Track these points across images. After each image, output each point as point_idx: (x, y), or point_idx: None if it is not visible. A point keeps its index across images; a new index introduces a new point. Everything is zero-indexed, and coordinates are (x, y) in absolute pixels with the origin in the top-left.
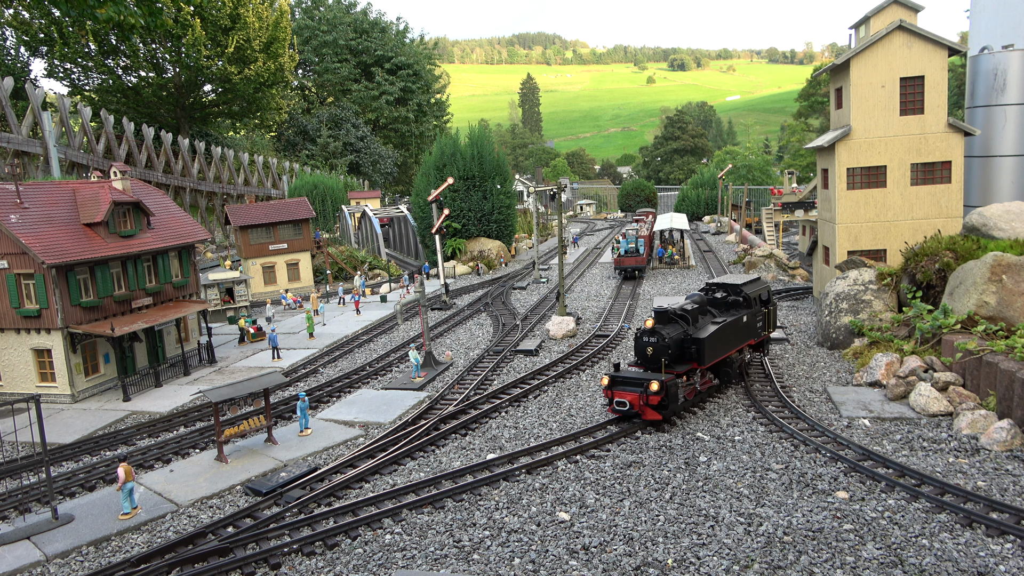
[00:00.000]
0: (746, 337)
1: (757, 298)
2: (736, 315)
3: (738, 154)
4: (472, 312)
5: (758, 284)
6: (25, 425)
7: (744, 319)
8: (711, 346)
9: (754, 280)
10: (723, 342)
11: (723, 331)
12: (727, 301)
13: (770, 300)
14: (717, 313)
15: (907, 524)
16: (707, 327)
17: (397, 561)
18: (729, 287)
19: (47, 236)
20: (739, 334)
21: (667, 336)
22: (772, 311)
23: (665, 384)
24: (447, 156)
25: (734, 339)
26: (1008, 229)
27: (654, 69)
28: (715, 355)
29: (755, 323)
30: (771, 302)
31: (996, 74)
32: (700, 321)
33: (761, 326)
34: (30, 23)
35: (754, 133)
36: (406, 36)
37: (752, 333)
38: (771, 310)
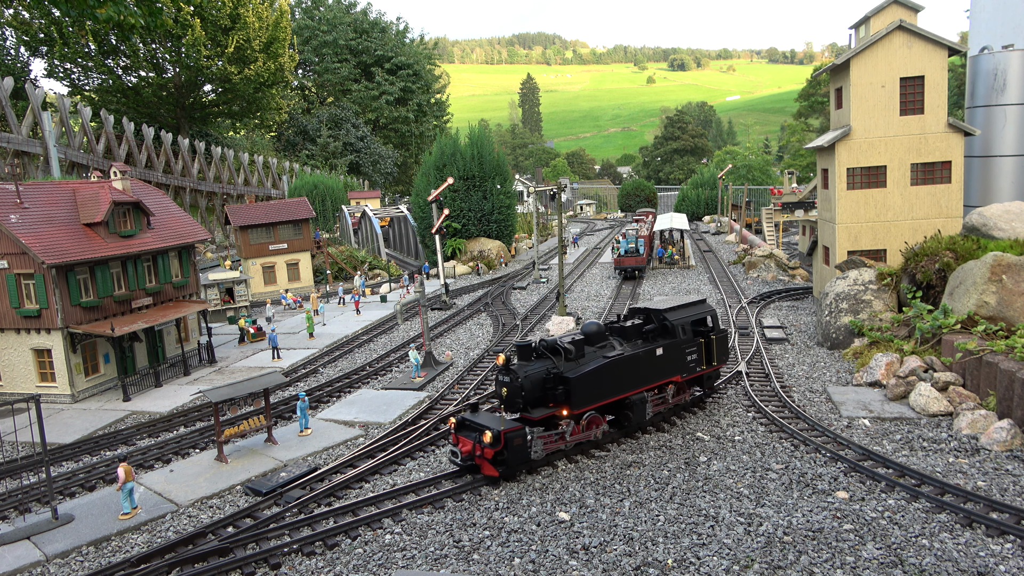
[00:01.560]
0: (665, 373)
1: (686, 327)
2: (646, 347)
3: (738, 154)
4: (472, 312)
5: (692, 309)
6: (25, 425)
7: (660, 352)
8: (587, 386)
9: (689, 304)
10: (615, 380)
11: (615, 367)
12: (640, 330)
13: (714, 328)
14: (620, 344)
15: (907, 524)
16: (588, 363)
17: (397, 561)
18: (651, 313)
19: (47, 236)
20: (650, 370)
21: (521, 375)
22: (717, 340)
23: (503, 435)
24: (447, 156)
25: (640, 376)
26: (1008, 229)
27: (654, 69)
28: (597, 397)
29: (682, 356)
30: (716, 330)
31: (996, 74)
32: (586, 355)
33: (694, 359)
34: (30, 23)
35: (754, 133)
36: (406, 36)
37: (678, 368)
38: (714, 339)
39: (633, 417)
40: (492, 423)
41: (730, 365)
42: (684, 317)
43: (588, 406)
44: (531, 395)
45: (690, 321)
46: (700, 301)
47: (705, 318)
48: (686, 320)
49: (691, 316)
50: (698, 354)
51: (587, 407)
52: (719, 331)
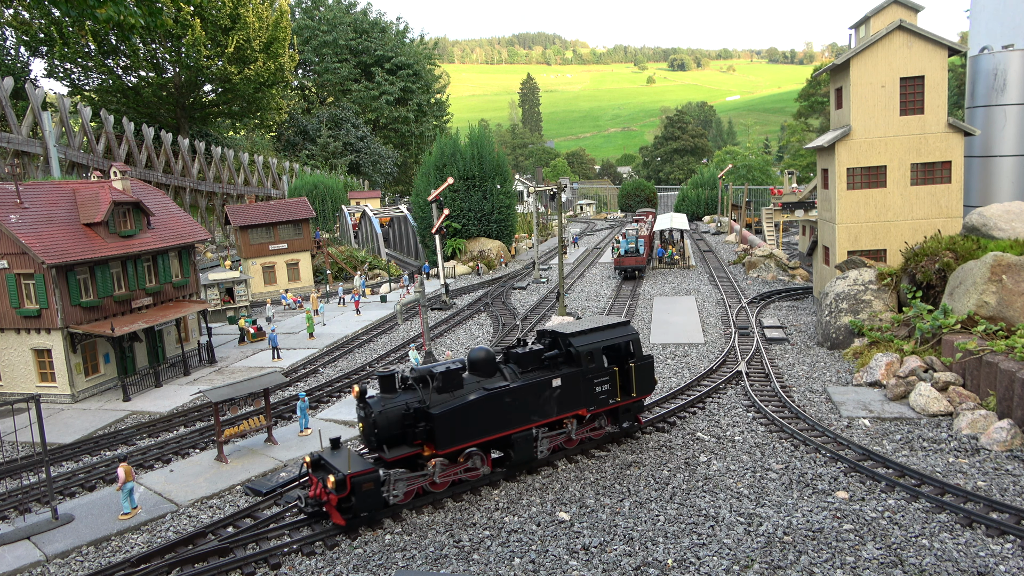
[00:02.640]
0: (565, 406)
1: (596, 353)
2: (539, 378)
3: (738, 154)
4: (472, 312)
5: (607, 334)
6: (25, 425)
7: (557, 383)
8: (455, 424)
9: (603, 328)
10: (495, 416)
11: (494, 402)
12: (540, 356)
13: (635, 354)
14: (514, 373)
15: (907, 524)
16: (463, 397)
17: (397, 561)
18: (558, 337)
19: (47, 236)
20: (543, 403)
21: (375, 411)
22: (637, 369)
23: (349, 479)
24: (447, 156)
25: (529, 410)
26: (1008, 229)
27: (654, 69)
28: (470, 435)
29: (588, 387)
30: (636, 357)
31: (996, 74)
32: (465, 386)
33: (605, 391)
34: (30, 23)
35: (754, 133)
36: (406, 36)
37: (582, 401)
38: (633, 368)
39: (515, 456)
40: (343, 464)
41: (730, 365)
42: (594, 343)
43: (457, 446)
44: (386, 433)
45: (602, 347)
46: (619, 324)
47: (624, 344)
48: (596, 346)
49: (604, 342)
50: (611, 384)
51: (456, 447)
52: (641, 358)
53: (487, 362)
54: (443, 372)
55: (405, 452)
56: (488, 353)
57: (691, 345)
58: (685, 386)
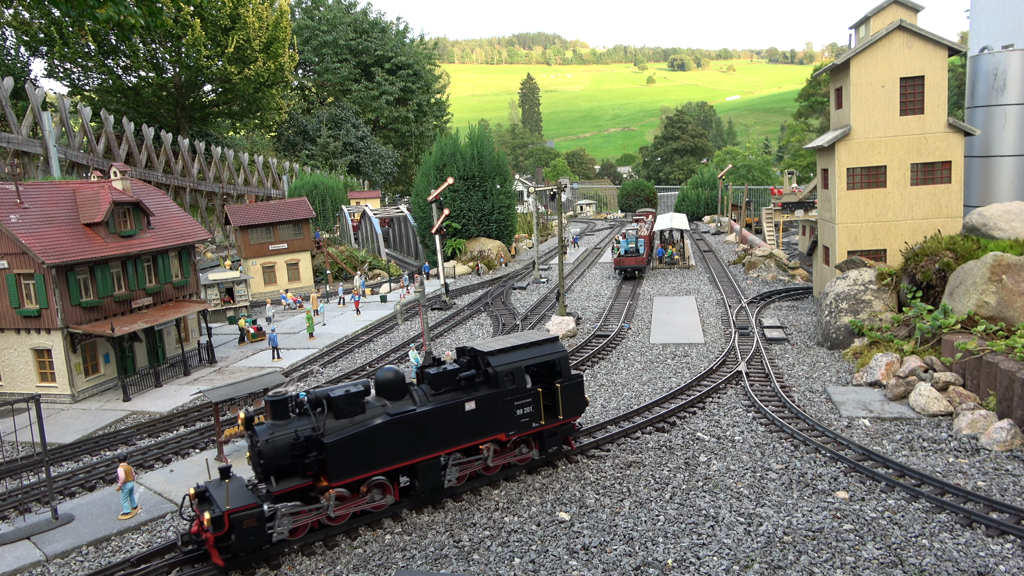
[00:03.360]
0: (481, 431)
1: (517, 374)
2: (450, 401)
3: (738, 154)
4: (472, 312)
5: (531, 352)
6: (25, 425)
7: (471, 406)
8: (350, 453)
9: (527, 346)
10: (398, 443)
11: (396, 429)
12: (455, 377)
13: (562, 374)
14: (425, 396)
15: (907, 524)
16: (361, 424)
17: (397, 561)
18: (478, 356)
19: (47, 236)
20: (455, 428)
21: (261, 440)
22: (564, 390)
23: (227, 516)
24: (447, 156)
25: (439, 436)
26: (1008, 229)
27: (654, 69)
28: (369, 465)
29: (507, 410)
30: (564, 376)
31: (996, 74)
32: (367, 411)
33: (528, 413)
34: (30, 23)
35: (754, 133)
36: (406, 36)
37: (501, 424)
38: (560, 388)
39: (419, 486)
40: (212, 504)
41: (730, 365)
42: (515, 362)
43: (354, 476)
44: (274, 464)
45: (525, 367)
46: (546, 341)
47: (550, 362)
48: (518, 365)
49: (527, 360)
50: (534, 407)
51: (353, 478)
52: (569, 378)
53: (395, 384)
54: (341, 396)
55: (294, 484)
56: (396, 374)
57: (691, 345)
58: (685, 386)
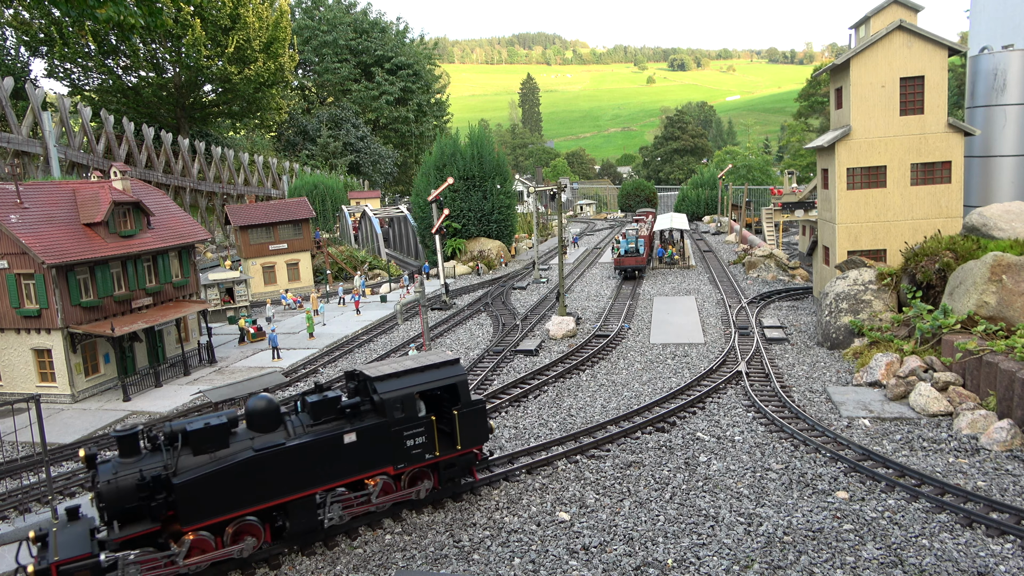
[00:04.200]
0: (365, 465)
1: (408, 401)
2: (327, 433)
3: (738, 154)
4: (472, 312)
5: (426, 376)
6: (25, 425)
7: (352, 438)
8: (206, 495)
9: (422, 369)
10: (265, 482)
11: (261, 465)
12: (337, 406)
13: (462, 400)
14: (301, 426)
15: (907, 524)
16: (220, 461)
17: (397, 561)
18: (366, 381)
19: (47, 236)
20: (334, 462)
21: (102, 480)
22: (463, 417)
23: (54, 569)
24: (447, 156)
25: (314, 472)
26: (1008, 229)
27: (654, 69)
28: (229, 506)
29: (396, 441)
30: (464, 402)
31: (996, 74)
32: (231, 445)
33: (421, 444)
34: (30, 23)
35: (754, 133)
36: (406, 36)
37: (389, 457)
38: (458, 416)
39: (290, 527)
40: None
41: (729, 365)
42: (405, 388)
43: (210, 520)
44: (117, 507)
45: (416, 393)
46: (445, 363)
47: (447, 388)
48: (408, 392)
49: (419, 386)
50: (427, 436)
51: (208, 521)
52: (468, 404)
53: (267, 414)
54: (199, 430)
55: (140, 530)
56: (269, 403)
57: (691, 345)
58: (685, 386)
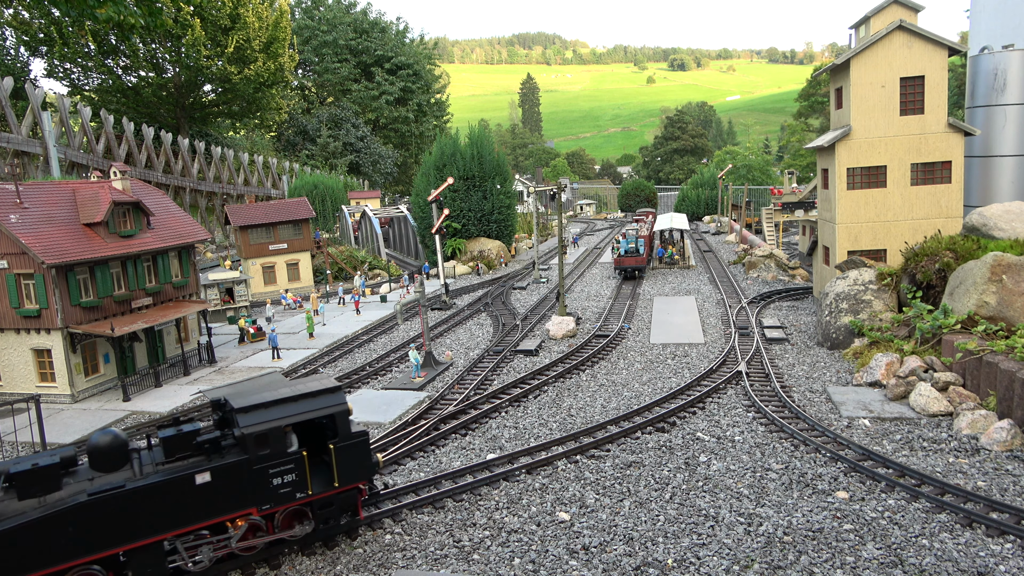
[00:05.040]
0: (221, 507)
1: (276, 435)
2: (176, 473)
3: (738, 154)
4: (472, 312)
5: (298, 406)
6: (25, 425)
7: (204, 478)
8: (24, 546)
9: (293, 399)
10: (104, 527)
11: (96, 510)
12: (193, 441)
13: (339, 432)
14: (152, 464)
15: (907, 524)
16: (46, 508)
17: (397, 561)
18: (230, 412)
19: (47, 236)
20: (184, 506)
21: None
22: (341, 451)
23: None
24: (447, 156)
25: (162, 516)
26: (1008, 229)
27: (654, 69)
28: (54, 558)
29: (259, 480)
30: (342, 435)
31: (996, 74)
32: (64, 487)
33: (289, 482)
34: (30, 23)
35: (754, 133)
36: (406, 36)
37: (251, 498)
38: (335, 450)
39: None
40: None
41: (730, 365)
42: (274, 420)
43: (37, 573)
44: None
45: (285, 426)
46: (323, 392)
47: (322, 419)
48: (275, 425)
49: (291, 418)
50: (298, 474)
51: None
52: (347, 437)
53: (110, 452)
54: (25, 472)
55: None
56: (113, 440)
57: (691, 345)
58: (685, 386)
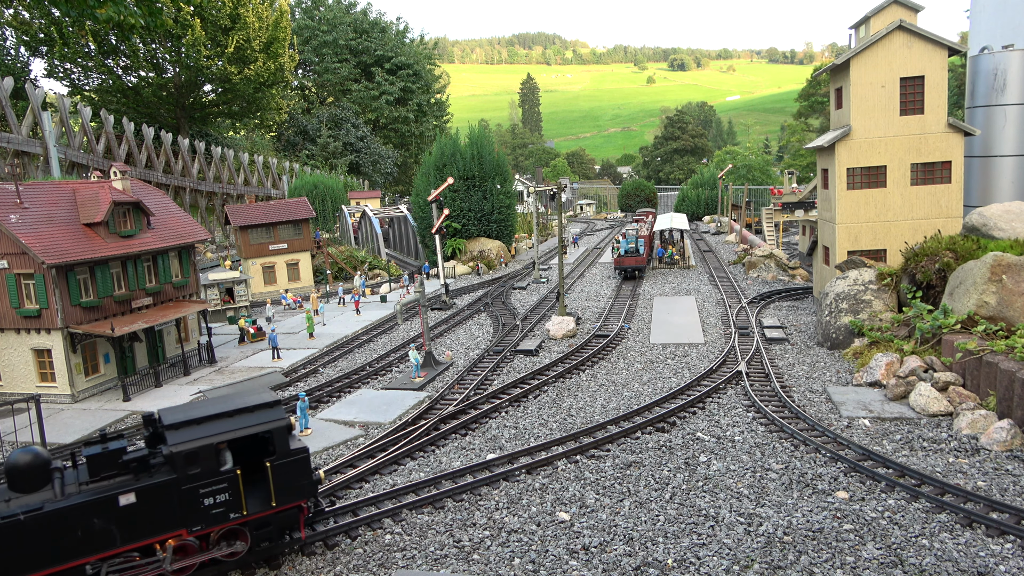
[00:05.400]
0: (144, 531)
1: (204, 453)
2: (100, 494)
3: (738, 154)
4: (472, 312)
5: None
6: (25, 425)
7: (128, 499)
8: None
9: (225, 415)
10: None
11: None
12: (118, 460)
13: (274, 449)
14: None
15: (907, 524)
16: None
17: (397, 561)
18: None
19: (47, 236)
20: (106, 528)
21: None
22: (278, 469)
23: None
24: (447, 156)
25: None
26: (1008, 229)
27: (654, 69)
28: None
29: (187, 501)
30: (276, 452)
31: (996, 74)
32: None
33: (222, 502)
34: (30, 23)
35: (754, 133)
36: (406, 36)
37: (178, 519)
38: (272, 468)
39: None
40: None
41: (730, 365)
42: (206, 438)
43: None
44: None
45: (218, 443)
46: (260, 406)
47: (259, 436)
48: (207, 443)
49: (223, 435)
50: (232, 493)
51: None
52: (285, 454)
53: (29, 472)
54: None
55: None
56: (34, 458)
57: (691, 345)
58: (685, 386)
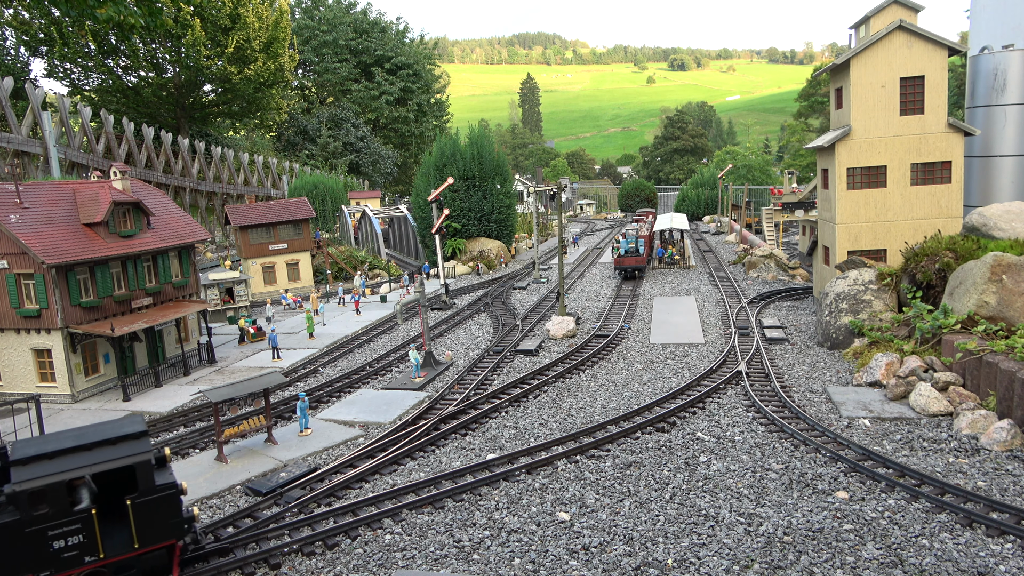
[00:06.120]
0: None
1: (54, 491)
2: None
3: (738, 154)
4: (472, 312)
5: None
6: (25, 425)
7: None
8: None
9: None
10: None
11: None
12: None
13: (141, 486)
14: None
15: (907, 524)
16: None
17: (397, 561)
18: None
19: (47, 236)
20: None
21: None
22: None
23: None
24: (447, 156)
25: None
26: (1008, 229)
27: (654, 69)
28: None
29: (33, 544)
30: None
31: (996, 74)
32: None
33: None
34: (30, 23)
35: (754, 133)
36: (406, 36)
37: (24, 565)
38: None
39: None
40: None
41: (730, 365)
42: (56, 474)
43: None
44: None
45: (71, 480)
46: (123, 438)
47: (120, 470)
48: (59, 480)
49: (77, 470)
50: (86, 535)
51: None
52: (150, 490)
53: None
54: None
55: None
56: None
57: (691, 345)
58: (685, 386)
